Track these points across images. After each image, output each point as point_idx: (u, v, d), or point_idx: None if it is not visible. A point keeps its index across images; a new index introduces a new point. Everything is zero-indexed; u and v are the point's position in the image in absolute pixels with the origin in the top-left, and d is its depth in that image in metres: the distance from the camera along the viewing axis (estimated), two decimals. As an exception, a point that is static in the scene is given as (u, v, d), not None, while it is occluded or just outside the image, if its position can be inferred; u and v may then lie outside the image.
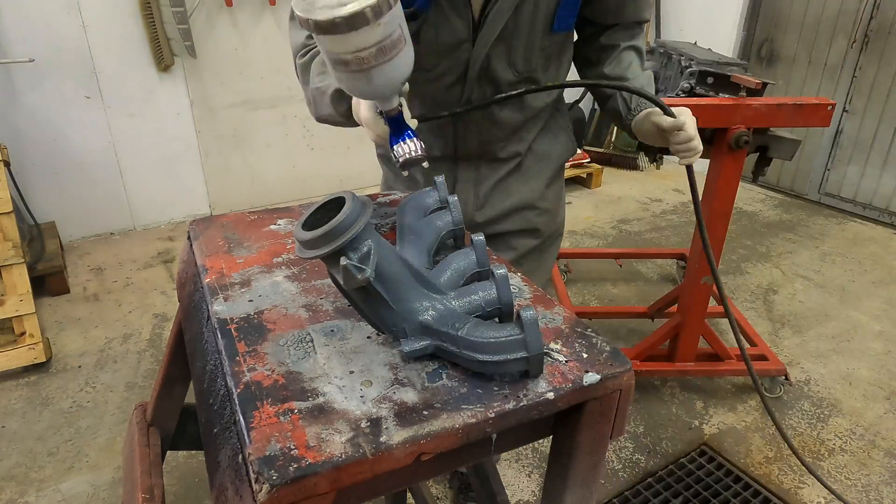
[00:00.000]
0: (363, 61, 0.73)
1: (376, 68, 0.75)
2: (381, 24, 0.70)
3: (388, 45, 0.73)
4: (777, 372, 2.20)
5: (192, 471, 1.90)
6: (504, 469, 1.92)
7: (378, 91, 0.81)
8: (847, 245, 3.51)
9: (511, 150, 1.31)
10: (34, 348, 2.32)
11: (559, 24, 1.15)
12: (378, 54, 0.73)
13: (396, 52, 0.74)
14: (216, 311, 0.83)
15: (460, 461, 0.70)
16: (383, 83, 0.79)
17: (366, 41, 0.71)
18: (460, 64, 1.16)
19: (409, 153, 0.90)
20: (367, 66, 0.74)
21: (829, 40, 3.87)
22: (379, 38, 0.72)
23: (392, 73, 0.77)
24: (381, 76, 0.76)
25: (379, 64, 0.74)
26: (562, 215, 1.47)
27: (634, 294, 2.99)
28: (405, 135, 0.90)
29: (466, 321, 0.71)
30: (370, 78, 0.76)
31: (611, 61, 1.27)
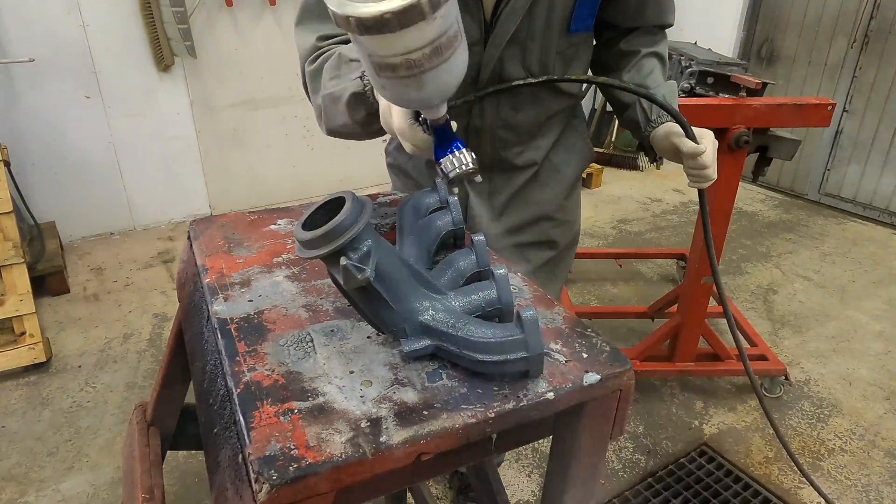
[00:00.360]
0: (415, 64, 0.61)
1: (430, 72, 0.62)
2: (437, 17, 0.57)
3: (445, 42, 0.61)
4: (777, 372, 2.20)
5: (192, 471, 1.90)
6: (504, 469, 1.92)
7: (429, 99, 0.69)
8: (847, 245, 3.51)
9: (527, 157, 1.25)
10: (34, 348, 2.32)
11: (577, 24, 1.09)
12: (433, 55, 0.61)
13: (453, 52, 0.63)
14: (216, 311, 0.83)
15: (460, 461, 0.70)
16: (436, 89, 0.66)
17: (420, 40, 0.59)
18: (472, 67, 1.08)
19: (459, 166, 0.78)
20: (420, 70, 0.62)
21: (829, 40, 3.87)
22: (435, 35, 0.59)
23: (447, 78, 0.66)
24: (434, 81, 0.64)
25: (433, 67, 0.62)
26: (578, 225, 1.42)
27: (634, 294, 2.99)
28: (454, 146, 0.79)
29: (466, 321, 0.71)
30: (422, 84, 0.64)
31: (630, 68, 1.19)
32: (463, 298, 0.75)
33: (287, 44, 3.61)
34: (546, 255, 1.37)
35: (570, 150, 1.30)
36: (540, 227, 1.32)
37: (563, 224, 1.35)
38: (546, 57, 1.11)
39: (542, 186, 1.30)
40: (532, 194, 1.29)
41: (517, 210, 1.30)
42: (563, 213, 1.34)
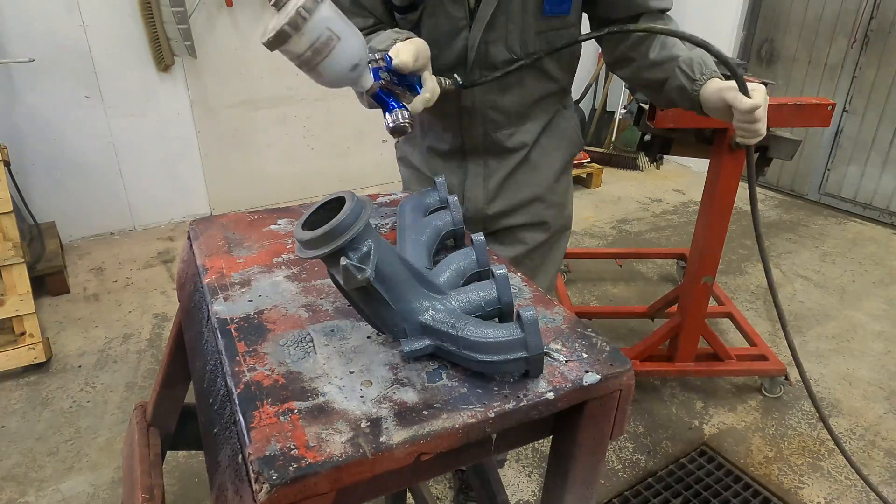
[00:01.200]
0: (309, 62, 0.90)
1: (321, 64, 0.90)
2: (304, 33, 0.85)
3: (320, 45, 0.88)
4: (777, 372, 2.20)
5: (192, 471, 1.90)
6: (504, 469, 1.92)
7: (334, 80, 0.94)
8: (847, 245, 3.51)
9: (517, 140, 1.31)
10: (34, 348, 2.32)
11: (551, 6, 1.15)
12: (315, 54, 0.88)
13: (331, 49, 0.89)
14: (216, 311, 0.83)
15: (460, 461, 0.70)
16: (334, 73, 0.92)
17: (300, 47, 0.87)
18: (460, 50, 1.19)
19: (395, 120, 1.00)
20: (314, 64, 0.90)
21: (829, 40, 3.87)
22: (309, 43, 0.87)
23: (336, 65, 0.91)
24: (327, 69, 0.91)
25: (321, 60, 0.90)
26: (570, 209, 1.48)
27: (634, 294, 2.99)
28: (390, 106, 1.01)
29: (466, 321, 0.71)
30: (321, 72, 0.92)
31: (653, 47, 1.17)
32: (463, 298, 0.76)
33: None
34: (539, 237, 1.42)
35: (560, 134, 1.37)
36: (533, 208, 1.38)
37: (554, 206, 1.40)
38: (526, 37, 1.17)
39: (533, 169, 1.35)
40: (524, 177, 1.35)
41: (510, 192, 1.36)
42: (553, 196, 1.39)
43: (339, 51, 0.91)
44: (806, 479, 1.91)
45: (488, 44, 1.18)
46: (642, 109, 1.90)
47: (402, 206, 1.04)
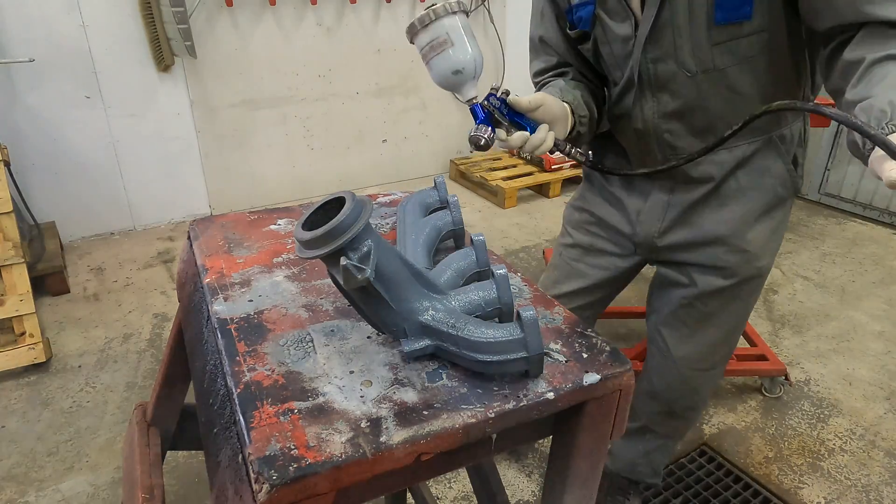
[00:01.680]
0: (425, 56, 1.06)
1: (432, 60, 1.05)
2: (428, 30, 1.03)
3: (436, 44, 1.03)
4: (777, 372, 2.20)
5: (192, 471, 1.90)
6: (504, 469, 1.92)
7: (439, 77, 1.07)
8: (847, 245, 3.51)
9: (703, 170, 1.17)
10: (34, 348, 2.32)
11: (721, 14, 0.99)
12: (430, 51, 1.04)
13: (443, 50, 1.04)
14: (216, 311, 0.83)
15: (460, 461, 0.70)
16: (438, 71, 1.06)
17: (421, 41, 1.04)
18: (628, 72, 1.14)
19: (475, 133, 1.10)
20: (428, 59, 1.05)
21: (829, 40, 3.87)
22: (428, 40, 1.04)
23: (442, 64, 1.05)
24: (434, 66, 1.06)
25: (433, 57, 1.05)
26: (767, 260, 1.25)
27: (634, 294, 2.99)
28: (479, 119, 1.11)
29: (466, 321, 0.71)
30: (430, 67, 1.06)
31: (856, 82, 0.88)
32: (463, 298, 0.76)
33: (287, 44, 3.62)
34: (715, 282, 1.26)
35: (763, 173, 1.17)
36: (711, 249, 1.23)
37: (741, 253, 1.21)
38: (699, 50, 1.04)
39: (720, 206, 1.20)
40: (709, 213, 1.21)
41: (688, 226, 1.24)
42: (742, 241, 1.21)
43: (449, 54, 1.04)
44: (806, 479, 1.91)
45: (656, 62, 1.08)
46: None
47: (402, 206, 1.04)
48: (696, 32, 1.03)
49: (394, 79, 4.12)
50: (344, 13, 3.76)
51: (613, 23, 1.12)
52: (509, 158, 4.46)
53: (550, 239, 3.52)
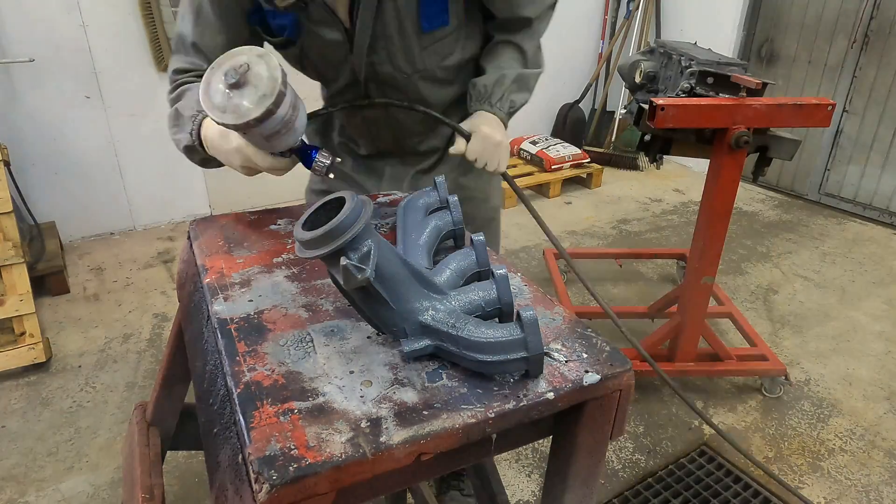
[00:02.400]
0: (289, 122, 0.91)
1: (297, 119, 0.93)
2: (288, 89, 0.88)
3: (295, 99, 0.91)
4: (777, 372, 2.20)
5: (192, 471, 1.90)
6: (504, 469, 1.92)
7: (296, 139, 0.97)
8: (847, 245, 3.51)
9: (429, 144, 1.36)
10: (34, 348, 2.32)
11: (428, 22, 1.15)
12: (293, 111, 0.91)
13: (296, 117, 0.92)
14: (216, 311, 0.83)
15: (460, 461, 0.70)
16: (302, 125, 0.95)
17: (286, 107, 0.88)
18: (349, 73, 1.22)
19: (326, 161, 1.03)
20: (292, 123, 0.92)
21: (829, 40, 3.87)
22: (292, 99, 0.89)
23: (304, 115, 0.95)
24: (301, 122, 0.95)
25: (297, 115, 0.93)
26: (495, 200, 1.49)
27: (634, 294, 2.99)
28: (313, 152, 1.03)
29: (466, 321, 0.71)
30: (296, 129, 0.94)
31: (485, 55, 1.27)
32: (463, 298, 0.76)
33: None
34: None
35: None
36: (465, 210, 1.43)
37: (471, 200, 1.40)
38: (411, 56, 1.19)
39: (449, 167, 1.39)
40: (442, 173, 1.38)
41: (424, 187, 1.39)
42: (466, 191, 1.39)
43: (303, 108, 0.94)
44: (806, 479, 1.91)
45: (375, 65, 1.19)
46: (642, 109, 1.90)
47: (402, 206, 1.04)
48: (406, 41, 1.17)
49: (394, 79, 4.12)
50: (344, 13, 3.76)
51: (322, 30, 1.15)
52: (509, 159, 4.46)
53: (550, 239, 3.52)
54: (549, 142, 4.36)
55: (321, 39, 1.16)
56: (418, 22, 1.14)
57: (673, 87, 1.99)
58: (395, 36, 1.15)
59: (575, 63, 4.85)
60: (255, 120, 0.84)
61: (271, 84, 0.84)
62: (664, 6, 4.59)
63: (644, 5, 4.50)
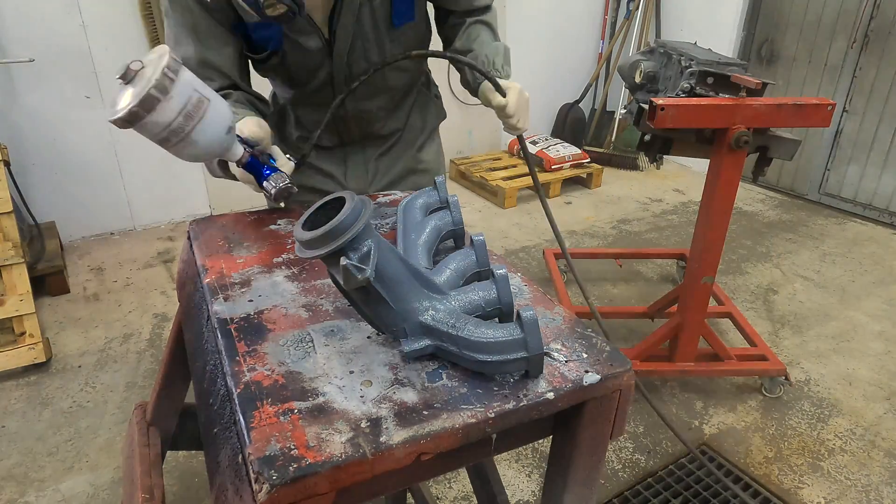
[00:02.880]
0: (178, 131, 0.80)
1: (193, 131, 0.82)
2: (172, 96, 0.78)
3: (192, 109, 0.80)
4: (777, 372, 2.20)
5: (192, 471, 1.90)
6: (504, 469, 1.92)
7: (209, 148, 0.87)
8: (847, 245, 3.51)
9: (391, 127, 1.47)
10: (34, 348, 2.32)
11: (398, 19, 1.25)
12: (186, 120, 0.80)
13: (204, 111, 0.82)
14: (216, 311, 0.83)
15: (460, 461, 0.70)
16: (208, 140, 0.85)
17: (169, 114, 0.79)
18: (325, 76, 1.29)
19: (276, 185, 0.99)
20: (185, 133, 0.81)
21: (829, 40, 3.87)
22: (180, 107, 0.79)
23: (210, 129, 0.84)
24: (202, 136, 0.83)
25: (194, 126, 0.81)
26: (442, 171, 1.64)
27: (634, 294, 2.99)
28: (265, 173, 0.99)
29: (466, 321, 0.71)
30: (194, 140, 0.83)
31: (461, 37, 1.37)
32: (463, 298, 0.76)
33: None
34: None
35: (424, 113, 1.54)
36: (410, 179, 1.53)
37: (426, 172, 1.56)
38: (383, 49, 1.28)
39: (406, 146, 1.51)
40: (396, 153, 1.51)
41: (386, 167, 1.51)
42: (423, 164, 1.54)
43: (213, 112, 0.84)
44: (806, 479, 1.91)
45: (351, 63, 1.27)
46: (642, 109, 1.90)
47: (402, 206, 1.04)
48: (379, 37, 1.26)
49: (394, 79, 4.12)
50: (344, 13, 3.76)
51: (302, 39, 1.20)
52: (509, 158, 4.46)
53: (550, 239, 3.52)
54: (549, 142, 4.36)
55: (301, 48, 1.21)
56: (390, 19, 1.24)
57: (673, 87, 1.99)
58: (371, 34, 1.24)
59: (575, 63, 4.85)
60: (122, 120, 0.77)
61: (144, 86, 0.77)
62: (664, 6, 4.59)
63: (644, 5, 4.50)
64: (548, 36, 4.60)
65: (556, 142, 4.37)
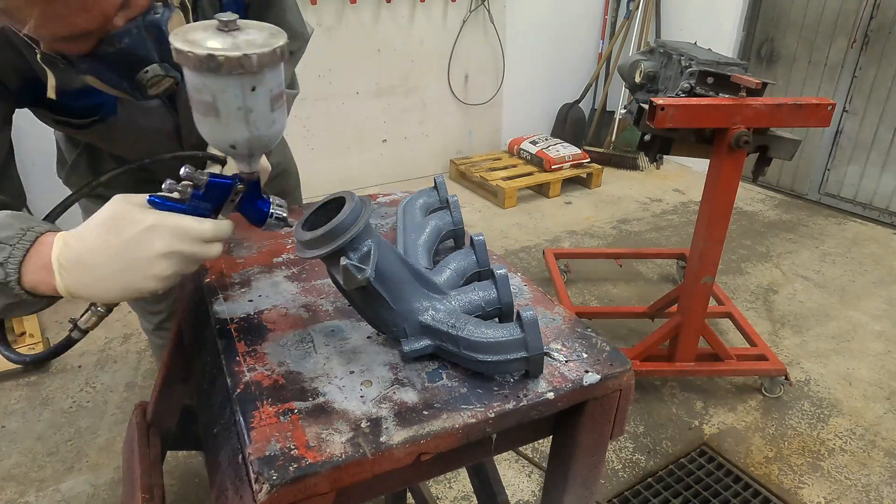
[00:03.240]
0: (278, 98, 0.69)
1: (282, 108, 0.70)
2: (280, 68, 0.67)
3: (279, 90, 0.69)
4: (777, 372, 2.20)
5: (192, 471, 1.90)
6: (504, 469, 1.92)
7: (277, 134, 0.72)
8: (847, 245, 3.51)
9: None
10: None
11: None
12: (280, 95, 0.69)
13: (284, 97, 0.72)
14: (216, 311, 0.83)
15: (460, 461, 0.70)
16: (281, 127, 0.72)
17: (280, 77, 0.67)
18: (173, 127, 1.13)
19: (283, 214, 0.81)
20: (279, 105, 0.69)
21: (829, 40, 3.87)
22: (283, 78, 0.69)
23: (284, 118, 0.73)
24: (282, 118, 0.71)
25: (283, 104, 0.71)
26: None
27: (634, 294, 2.99)
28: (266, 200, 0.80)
29: (466, 321, 0.71)
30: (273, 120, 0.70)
31: None
32: (463, 298, 0.76)
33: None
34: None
35: None
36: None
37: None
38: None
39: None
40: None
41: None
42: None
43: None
44: (806, 479, 1.91)
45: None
46: (642, 109, 1.90)
47: (402, 206, 1.04)
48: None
49: (394, 79, 4.12)
50: (344, 13, 3.75)
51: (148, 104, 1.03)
52: (509, 158, 4.46)
53: (550, 239, 3.52)
54: (549, 142, 4.36)
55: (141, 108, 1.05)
56: None
57: (673, 86, 1.99)
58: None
59: (575, 63, 4.85)
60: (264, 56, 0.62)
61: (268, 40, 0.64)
62: (664, 6, 4.59)
63: (644, 5, 4.50)
64: (548, 36, 4.60)
65: (556, 142, 4.37)
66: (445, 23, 4.14)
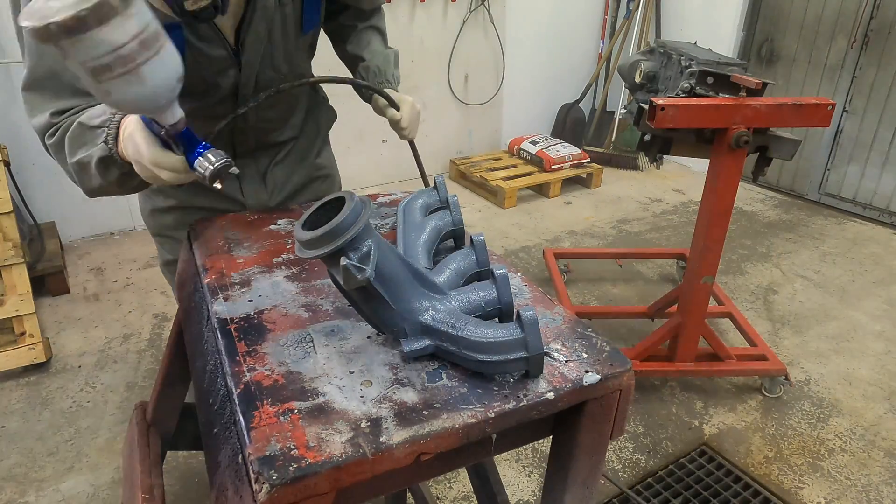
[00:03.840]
0: (127, 59, 0.64)
1: (145, 65, 0.66)
2: (132, 13, 0.63)
3: (149, 36, 0.66)
4: (777, 372, 2.20)
5: (192, 471, 1.90)
6: (504, 469, 1.92)
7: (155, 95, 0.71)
8: (847, 245, 3.51)
9: (287, 134, 1.42)
10: (34, 348, 2.32)
11: (308, 25, 1.23)
12: (141, 48, 0.65)
13: (161, 45, 0.68)
14: (216, 311, 0.83)
15: (460, 461, 0.70)
16: (160, 81, 0.69)
17: (123, 35, 0.63)
18: (230, 83, 1.17)
19: (214, 164, 0.83)
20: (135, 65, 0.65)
21: (829, 40, 3.87)
22: (137, 30, 0.64)
23: (165, 69, 0.69)
24: (154, 74, 0.67)
25: (146, 59, 0.66)
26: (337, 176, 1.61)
27: (634, 294, 2.99)
28: (199, 148, 0.83)
29: (466, 321, 0.71)
30: (142, 78, 0.67)
31: (352, 40, 1.41)
32: (463, 298, 0.76)
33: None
34: None
35: (317, 116, 1.51)
36: (312, 188, 1.49)
37: (326, 178, 1.53)
38: (291, 57, 1.24)
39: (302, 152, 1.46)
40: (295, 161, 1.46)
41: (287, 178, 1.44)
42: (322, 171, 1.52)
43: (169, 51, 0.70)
44: (806, 479, 1.91)
45: (258, 73, 1.20)
46: (642, 109, 1.90)
47: (402, 206, 1.04)
48: (288, 45, 1.21)
49: (394, 79, 4.12)
50: (344, 13, 3.76)
51: (206, 46, 1.08)
52: (509, 158, 4.46)
53: (550, 239, 3.52)
54: (549, 142, 4.36)
55: (206, 58, 1.10)
56: (300, 25, 1.21)
57: (673, 87, 1.99)
58: (280, 41, 1.19)
59: (575, 63, 4.85)
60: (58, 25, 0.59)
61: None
62: (664, 6, 4.59)
63: (644, 5, 4.50)
64: (548, 36, 4.60)
65: (556, 142, 4.37)
66: (445, 23, 4.14)
